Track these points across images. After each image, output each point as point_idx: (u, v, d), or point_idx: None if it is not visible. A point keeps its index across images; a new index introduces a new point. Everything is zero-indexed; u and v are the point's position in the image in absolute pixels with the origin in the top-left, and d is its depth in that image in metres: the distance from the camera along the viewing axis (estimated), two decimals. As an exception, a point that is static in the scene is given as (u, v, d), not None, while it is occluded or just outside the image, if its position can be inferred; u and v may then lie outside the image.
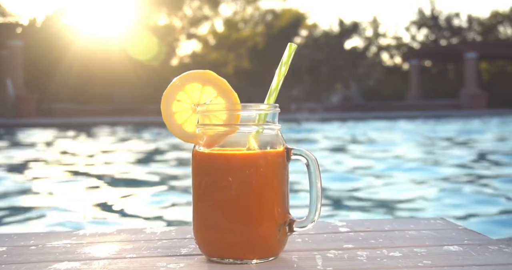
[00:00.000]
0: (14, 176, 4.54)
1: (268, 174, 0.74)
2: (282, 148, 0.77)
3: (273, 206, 0.75)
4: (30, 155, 6.29)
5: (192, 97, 0.78)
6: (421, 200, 3.35)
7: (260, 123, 0.75)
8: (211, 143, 0.76)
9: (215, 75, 0.78)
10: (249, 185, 0.73)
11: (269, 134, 0.76)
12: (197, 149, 0.77)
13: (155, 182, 4.22)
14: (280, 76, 0.78)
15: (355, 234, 0.90)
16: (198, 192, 0.76)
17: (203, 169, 0.76)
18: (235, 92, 0.78)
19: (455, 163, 5.13)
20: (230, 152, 0.75)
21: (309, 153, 0.76)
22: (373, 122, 13.85)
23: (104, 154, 6.35)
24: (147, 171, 4.85)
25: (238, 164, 0.73)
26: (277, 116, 0.78)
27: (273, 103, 0.78)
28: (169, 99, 0.78)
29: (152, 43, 21.27)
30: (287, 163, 0.77)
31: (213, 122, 0.76)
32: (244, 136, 0.75)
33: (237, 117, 0.76)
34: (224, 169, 0.74)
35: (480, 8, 58.21)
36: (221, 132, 0.75)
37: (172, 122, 0.79)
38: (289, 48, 0.79)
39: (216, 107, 0.77)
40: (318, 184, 0.76)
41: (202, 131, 0.77)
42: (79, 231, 0.95)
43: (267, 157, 0.74)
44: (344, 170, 4.81)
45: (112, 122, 13.64)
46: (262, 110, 0.76)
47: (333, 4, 49.75)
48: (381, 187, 3.85)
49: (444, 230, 0.91)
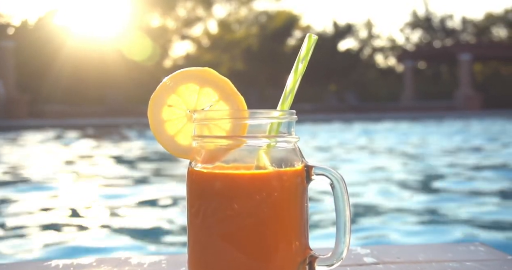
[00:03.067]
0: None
1: (284, 199, 0.59)
2: (301, 165, 0.61)
3: (290, 239, 0.59)
4: (15, 159, 6.04)
5: (187, 101, 0.63)
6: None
7: (272, 134, 0.60)
8: (211, 159, 0.60)
9: (215, 74, 0.62)
10: (260, 214, 0.57)
11: (284, 148, 0.61)
12: (193, 166, 0.61)
13: (145, 196, 3.63)
14: (297, 75, 0.63)
15: (384, 266, 0.74)
16: (195, 221, 0.60)
17: (202, 192, 0.60)
18: (240, 96, 0.63)
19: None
20: (235, 172, 0.59)
21: (335, 172, 0.61)
22: (371, 124, 13.73)
23: (88, 160, 5.85)
24: (137, 182, 4.25)
25: (246, 187, 0.58)
26: (294, 125, 0.62)
27: (289, 110, 0.62)
28: (159, 104, 0.63)
29: (145, 44, 21.08)
30: (306, 184, 0.61)
31: (213, 133, 0.61)
32: (253, 151, 0.60)
33: (243, 127, 0.60)
34: (228, 194, 0.58)
35: (474, 10, 58.32)
36: (224, 146, 0.60)
37: (162, 133, 0.63)
38: (308, 40, 0.63)
39: (217, 114, 0.61)
40: (346, 212, 0.60)
41: (200, 144, 0.61)
42: (51, 262, 0.79)
43: (282, 177, 0.59)
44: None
45: (104, 124, 13.44)
46: (275, 118, 0.60)
47: (327, 6, 49.69)
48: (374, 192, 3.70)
49: (491, 262, 0.75)
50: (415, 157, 5.93)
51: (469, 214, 2.95)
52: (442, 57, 25.58)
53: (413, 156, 6.09)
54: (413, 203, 3.30)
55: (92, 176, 4.59)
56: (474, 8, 51.98)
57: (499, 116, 16.42)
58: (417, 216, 2.95)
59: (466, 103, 21.17)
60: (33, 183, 4.16)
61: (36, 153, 6.84)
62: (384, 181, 4.16)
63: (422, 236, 2.54)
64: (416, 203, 3.30)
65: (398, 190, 3.81)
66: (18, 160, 5.93)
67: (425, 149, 6.91)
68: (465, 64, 22.01)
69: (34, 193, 3.70)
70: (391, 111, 19.99)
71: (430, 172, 4.72)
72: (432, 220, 2.88)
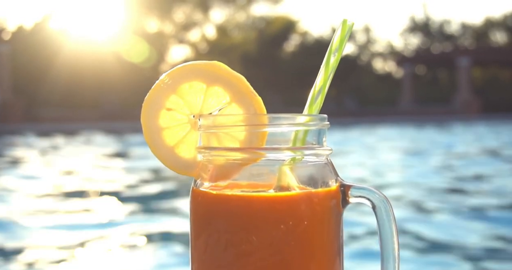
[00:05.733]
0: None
1: (315, 228, 0.46)
2: (335, 185, 0.48)
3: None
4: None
5: (191, 103, 0.50)
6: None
7: (298, 146, 0.47)
8: (221, 177, 0.48)
9: (227, 69, 0.49)
10: (285, 249, 0.44)
11: (313, 163, 0.48)
12: (198, 186, 0.49)
13: (141, 216, 3.13)
14: (329, 70, 0.50)
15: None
16: (202, 256, 0.47)
17: (210, 219, 0.47)
18: (258, 96, 0.50)
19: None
20: (252, 194, 0.46)
21: (378, 193, 0.48)
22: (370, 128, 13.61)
23: (80, 170, 5.22)
24: (131, 200, 3.61)
25: (267, 214, 0.45)
26: (326, 134, 0.50)
27: (319, 114, 0.49)
28: (155, 107, 0.50)
29: (142, 48, 20.97)
30: (342, 209, 0.48)
31: (224, 144, 0.48)
32: (274, 167, 0.47)
33: (262, 136, 0.48)
34: (243, 222, 0.45)
35: (472, 15, 58.35)
36: (237, 160, 0.47)
37: (158, 144, 0.50)
38: (342, 27, 0.51)
39: (228, 120, 0.48)
40: (395, 244, 0.47)
41: (207, 158, 0.48)
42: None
43: (313, 200, 0.46)
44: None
45: (100, 128, 13.29)
46: (301, 125, 0.47)
47: (325, 11, 49.65)
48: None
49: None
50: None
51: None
52: (440, 62, 25.54)
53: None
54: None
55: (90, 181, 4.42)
56: (473, 13, 51.92)
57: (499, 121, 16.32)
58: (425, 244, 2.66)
59: (465, 107, 21.13)
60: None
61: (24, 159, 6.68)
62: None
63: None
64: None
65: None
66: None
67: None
68: (463, 69, 21.96)
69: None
70: (390, 115, 19.91)
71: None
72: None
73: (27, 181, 4.45)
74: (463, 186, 4.27)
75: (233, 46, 25.16)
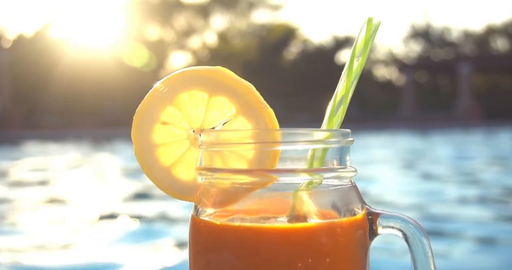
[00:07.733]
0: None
1: (339, 266, 0.38)
2: (361, 213, 0.41)
3: None
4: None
5: (191, 116, 0.43)
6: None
7: (316, 167, 0.40)
8: (225, 203, 0.40)
9: (232, 76, 0.42)
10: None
11: (335, 188, 0.40)
12: (199, 214, 0.41)
13: (142, 235, 2.61)
14: (352, 76, 0.43)
15: None
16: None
17: (212, 254, 0.39)
18: (269, 108, 0.42)
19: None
20: (263, 225, 0.39)
21: (413, 222, 0.40)
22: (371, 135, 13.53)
23: (77, 180, 4.91)
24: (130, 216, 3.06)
25: (282, 249, 0.37)
26: (349, 152, 0.42)
27: (340, 129, 0.42)
28: (148, 120, 0.42)
29: (143, 55, 20.98)
30: (369, 241, 0.41)
31: (229, 165, 0.41)
32: (288, 192, 0.39)
33: (273, 156, 0.40)
34: (252, 259, 0.38)
35: (474, 22, 58.43)
36: (245, 184, 0.39)
37: (152, 164, 0.43)
38: (367, 27, 0.43)
39: (234, 136, 0.41)
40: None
41: (209, 181, 0.41)
42: None
43: (335, 231, 0.38)
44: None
45: (101, 135, 13.23)
46: (320, 142, 0.40)
47: (325, 18, 49.71)
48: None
49: None
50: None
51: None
52: (442, 69, 25.56)
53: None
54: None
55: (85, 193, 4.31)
56: (474, 20, 52.01)
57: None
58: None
59: (466, 114, 21.13)
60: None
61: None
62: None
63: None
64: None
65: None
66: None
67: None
68: (464, 76, 21.98)
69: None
70: (392, 122, 19.88)
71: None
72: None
73: (24, 189, 4.36)
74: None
75: (234, 53, 25.21)
